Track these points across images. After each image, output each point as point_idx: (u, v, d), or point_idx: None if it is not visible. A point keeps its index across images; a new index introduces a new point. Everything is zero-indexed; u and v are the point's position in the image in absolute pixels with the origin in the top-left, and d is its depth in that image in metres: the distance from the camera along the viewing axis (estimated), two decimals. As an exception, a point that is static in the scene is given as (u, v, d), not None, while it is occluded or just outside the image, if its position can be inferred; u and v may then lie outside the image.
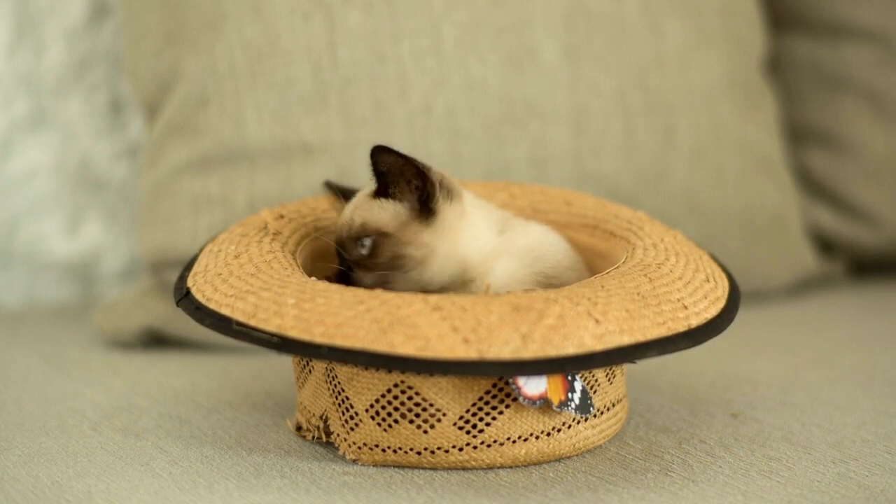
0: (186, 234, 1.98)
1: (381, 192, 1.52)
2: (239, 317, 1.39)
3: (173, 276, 1.95)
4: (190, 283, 1.49)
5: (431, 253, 1.50)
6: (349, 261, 1.52)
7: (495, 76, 2.04)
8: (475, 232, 1.53)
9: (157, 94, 2.03)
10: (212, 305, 1.43)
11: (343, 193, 1.61)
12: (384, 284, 1.49)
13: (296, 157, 1.98)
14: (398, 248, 1.50)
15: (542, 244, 1.56)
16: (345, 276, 1.53)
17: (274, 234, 1.56)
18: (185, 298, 1.48)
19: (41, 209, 2.27)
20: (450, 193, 1.52)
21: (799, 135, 2.36)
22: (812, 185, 2.36)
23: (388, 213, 1.51)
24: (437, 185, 1.51)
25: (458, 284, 1.52)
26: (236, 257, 1.50)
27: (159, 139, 2.03)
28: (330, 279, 1.51)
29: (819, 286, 2.32)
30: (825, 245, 2.37)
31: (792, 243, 2.26)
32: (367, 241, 1.50)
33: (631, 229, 1.60)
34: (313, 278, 1.45)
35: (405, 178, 1.50)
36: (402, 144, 1.99)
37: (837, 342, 2.00)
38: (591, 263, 1.62)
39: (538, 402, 1.38)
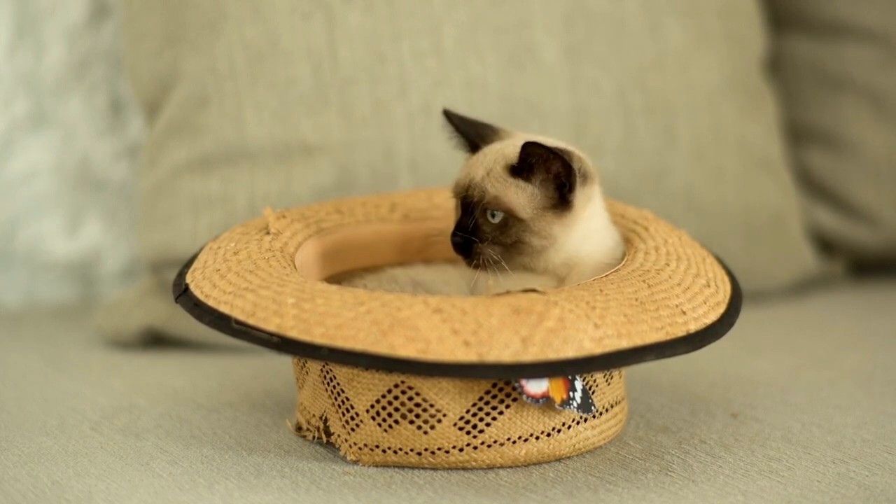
0: (186, 234, 1.98)
1: (520, 172, 1.50)
2: (238, 315, 1.39)
3: (173, 276, 1.94)
4: (189, 279, 1.49)
5: (553, 244, 1.51)
6: (470, 223, 1.51)
7: (495, 76, 2.04)
8: (595, 224, 1.54)
9: (157, 94, 2.03)
10: (210, 302, 1.42)
11: (462, 126, 1.59)
12: (498, 262, 1.50)
13: (296, 157, 1.98)
14: (525, 234, 1.50)
15: (621, 244, 1.58)
16: (461, 231, 1.51)
17: (275, 233, 1.56)
18: (183, 295, 1.47)
19: (41, 209, 2.27)
20: (585, 177, 1.52)
21: (799, 135, 2.36)
22: (812, 185, 2.35)
23: (524, 197, 1.50)
24: (578, 175, 1.50)
25: (560, 269, 1.53)
26: (235, 254, 1.50)
27: (159, 139, 2.03)
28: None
29: (819, 286, 2.32)
30: (825, 245, 2.37)
31: (792, 243, 2.26)
32: (498, 216, 1.50)
33: (636, 231, 1.60)
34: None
35: (547, 168, 1.49)
36: (402, 144, 1.99)
37: (837, 342, 2.00)
38: None
39: (541, 400, 1.38)
